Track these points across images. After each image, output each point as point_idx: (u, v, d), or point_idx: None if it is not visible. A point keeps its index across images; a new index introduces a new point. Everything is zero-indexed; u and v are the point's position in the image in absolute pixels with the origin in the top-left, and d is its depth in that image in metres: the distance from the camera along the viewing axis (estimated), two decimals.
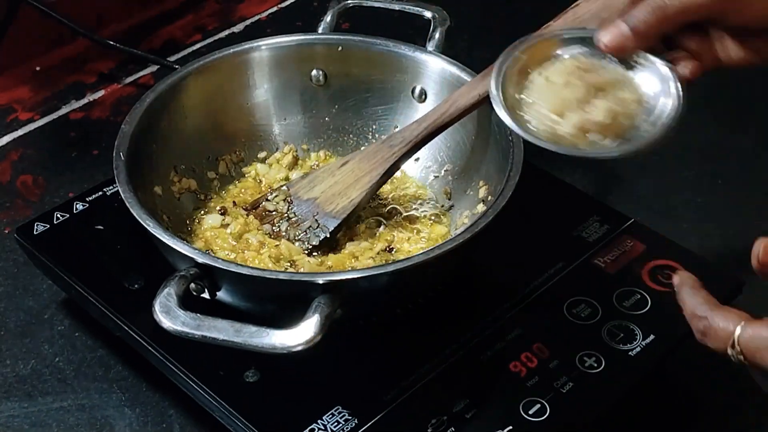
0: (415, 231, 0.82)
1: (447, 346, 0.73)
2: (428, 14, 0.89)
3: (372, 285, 0.68)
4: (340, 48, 0.87)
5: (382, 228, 0.82)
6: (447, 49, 0.87)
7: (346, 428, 0.68)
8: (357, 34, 0.88)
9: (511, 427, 0.68)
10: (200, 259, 0.68)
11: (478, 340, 0.73)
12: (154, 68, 1.12)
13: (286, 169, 0.87)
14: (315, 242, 0.79)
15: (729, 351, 0.56)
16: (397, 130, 0.84)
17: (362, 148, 0.88)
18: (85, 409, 0.76)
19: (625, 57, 0.69)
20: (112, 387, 0.78)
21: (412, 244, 0.80)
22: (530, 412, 0.68)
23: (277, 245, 0.79)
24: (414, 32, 0.92)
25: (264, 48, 0.87)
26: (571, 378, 0.70)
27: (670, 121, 0.67)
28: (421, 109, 0.85)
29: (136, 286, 0.77)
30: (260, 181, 0.87)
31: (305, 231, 0.80)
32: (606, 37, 0.68)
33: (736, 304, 0.77)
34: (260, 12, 1.22)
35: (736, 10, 0.65)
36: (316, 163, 0.89)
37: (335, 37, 0.88)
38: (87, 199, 0.85)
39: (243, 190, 0.86)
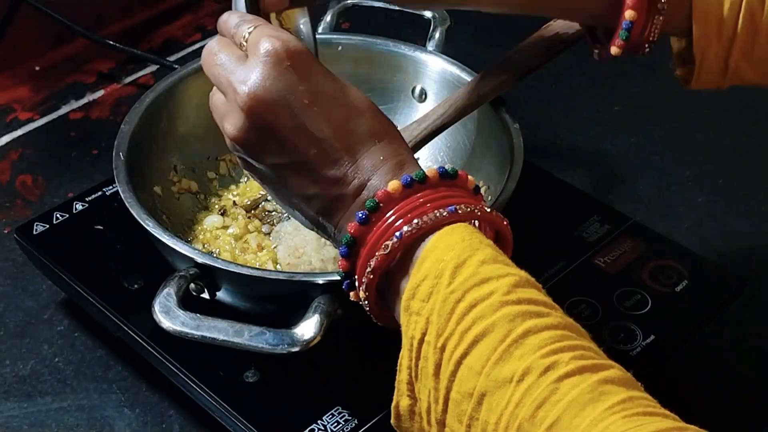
0: None
1: None
2: (428, 14, 0.89)
3: None
4: (340, 48, 0.87)
5: None
6: (447, 49, 0.87)
7: (346, 428, 0.68)
8: (357, 33, 0.88)
9: None
10: (200, 259, 0.68)
11: None
12: (153, 68, 1.12)
13: None
14: None
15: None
16: None
17: None
18: (84, 410, 0.76)
19: None
20: (112, 387, 0.78)
21: None
22: None
23: (275, 247, 0.78)
24: (414, 32, 0.92)
25: None
26: None
27: None
28: (421, 109, 0.85)
29: (135, 286, 0.77)
30: None
31: None
32: None
33: (737, 304, 0.78)
34: None
35: None
36: None
37: (335, 36, 0.88)
38: (87, 199, 0.85)
39: (243, 191, 0.86)
